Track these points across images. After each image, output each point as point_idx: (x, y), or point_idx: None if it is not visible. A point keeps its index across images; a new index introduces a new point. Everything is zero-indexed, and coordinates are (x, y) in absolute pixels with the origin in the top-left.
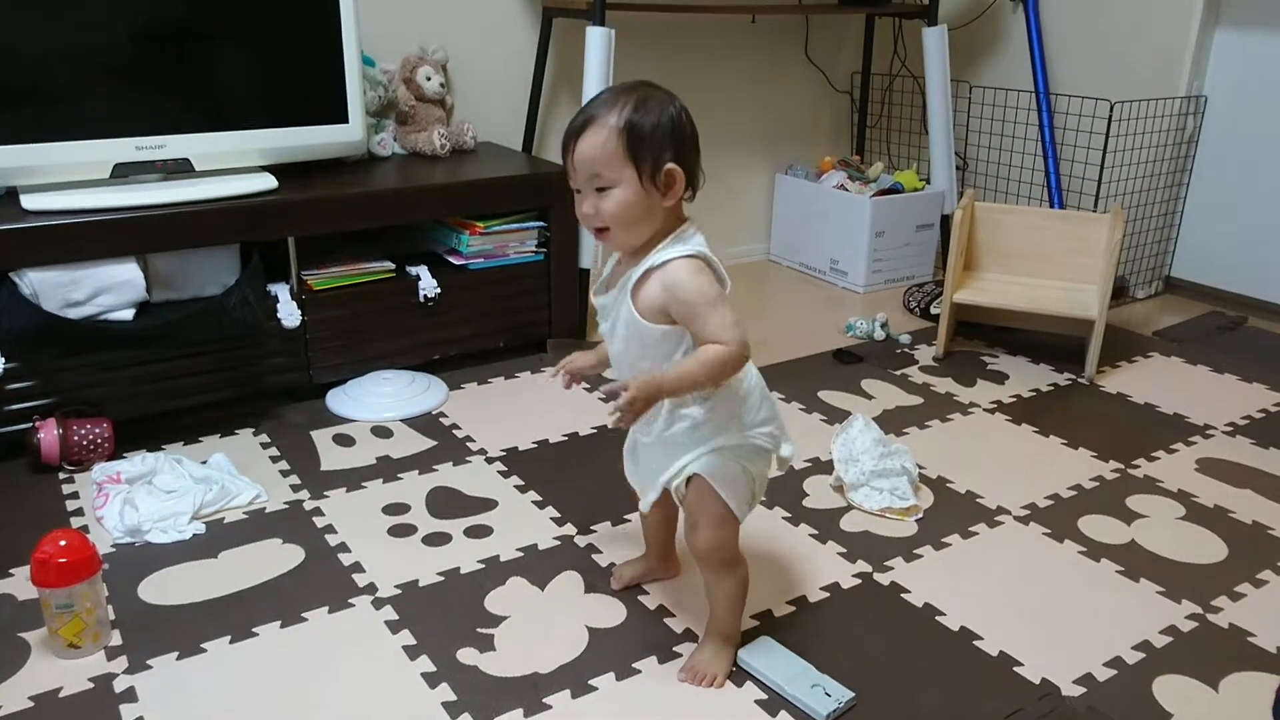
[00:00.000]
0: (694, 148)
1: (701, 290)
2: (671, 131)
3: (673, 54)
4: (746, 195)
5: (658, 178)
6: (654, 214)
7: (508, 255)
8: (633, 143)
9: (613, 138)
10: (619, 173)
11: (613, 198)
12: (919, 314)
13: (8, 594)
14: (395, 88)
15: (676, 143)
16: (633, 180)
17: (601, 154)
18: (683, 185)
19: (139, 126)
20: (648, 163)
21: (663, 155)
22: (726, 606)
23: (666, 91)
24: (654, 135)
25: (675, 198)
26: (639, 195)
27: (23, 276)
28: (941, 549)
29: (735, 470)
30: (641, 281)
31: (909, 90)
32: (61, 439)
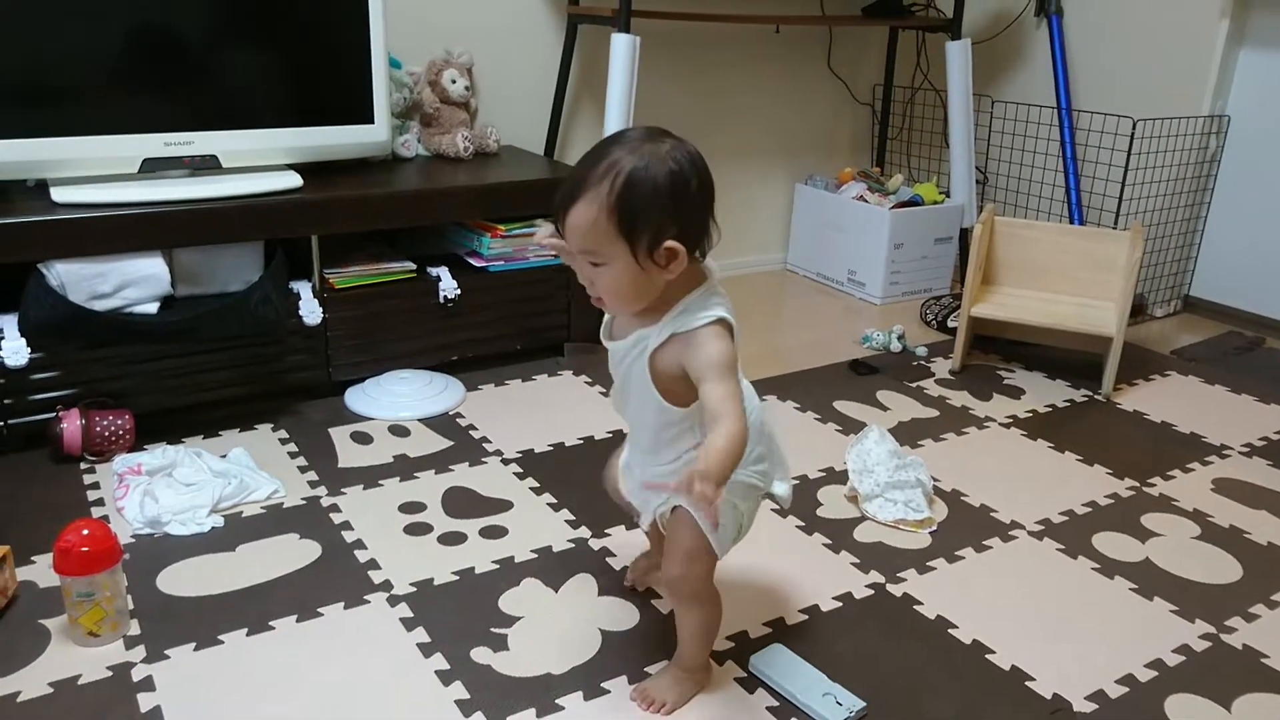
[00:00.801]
0: (701, 208)
1: (724, 354)
2: (672, 200)
3: (696, 62)
4: (765, 204)
5: (656, 254)
6: (653, 287)
7: (528, 259)
8: (625, 221)
9: (603, 216)
10: (611, 249)
11: (607, 274)
12: (936, 327)
13: (29, 581)
14: (420, 90)
15: (677, 213)
16: (627, 257)
17: (591, 231)
18: (685, 258)
19: (168, 123)
20: (644, 241)
21: (662, 231)
22: (692, 639)
23: (675, 141)
24: (650, 210)
25: (678, 270)
26: (635, 273)
27: (50, 268)
28: (955, 562)
29: (723, 507)
30: (662, 347)
31: (930, 103)
32: (84, 429)
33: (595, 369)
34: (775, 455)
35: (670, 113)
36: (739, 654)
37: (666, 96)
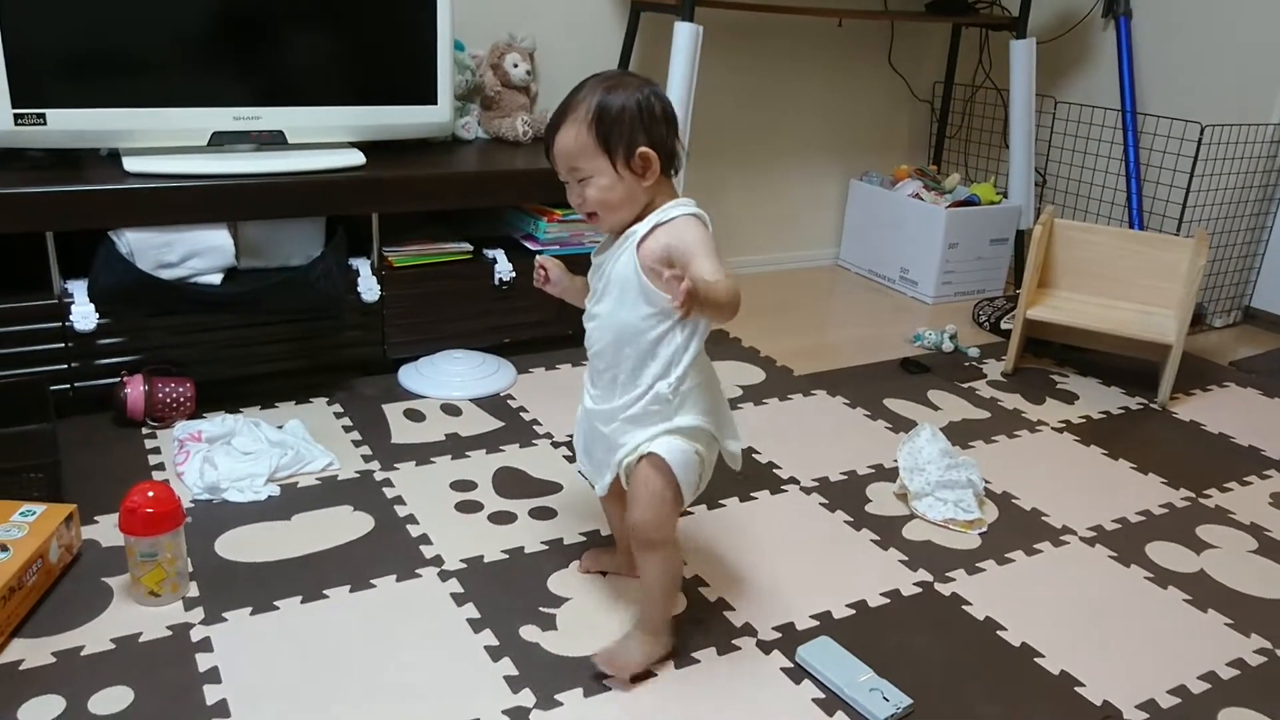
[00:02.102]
0: (667, 127)
1: (703, 238)
2: (640, 116)
3: (757, 53)
4: (819, 199)
5: (632, 162)
6: (636, 196)
7: (582, 244)
8: (602, 133)
9: (583, 131)
10: (594, 163)
11: (594, 186)
12: (989, 329)
13: (92, 540)
14: (482, 73)
15: (647, 126)
16: (608, 168)
17: (575, 147)
18: (659, 165)
19: (237, 98)
20: (620, 149)
21: (635, 140)
22: (656, 594)
23: (640, 78)
24: (622, 122)
25: (654, 177)
26: (617, 181)
27: (121, 236)
28: (1005, 564)
29: (689, 450)
30: (647, 236)
31: (991, 102)
32: (147, 395)
33: None
34: (723, 412)
35: (729, 104)
36: (786, 645)
37: (725, 87)
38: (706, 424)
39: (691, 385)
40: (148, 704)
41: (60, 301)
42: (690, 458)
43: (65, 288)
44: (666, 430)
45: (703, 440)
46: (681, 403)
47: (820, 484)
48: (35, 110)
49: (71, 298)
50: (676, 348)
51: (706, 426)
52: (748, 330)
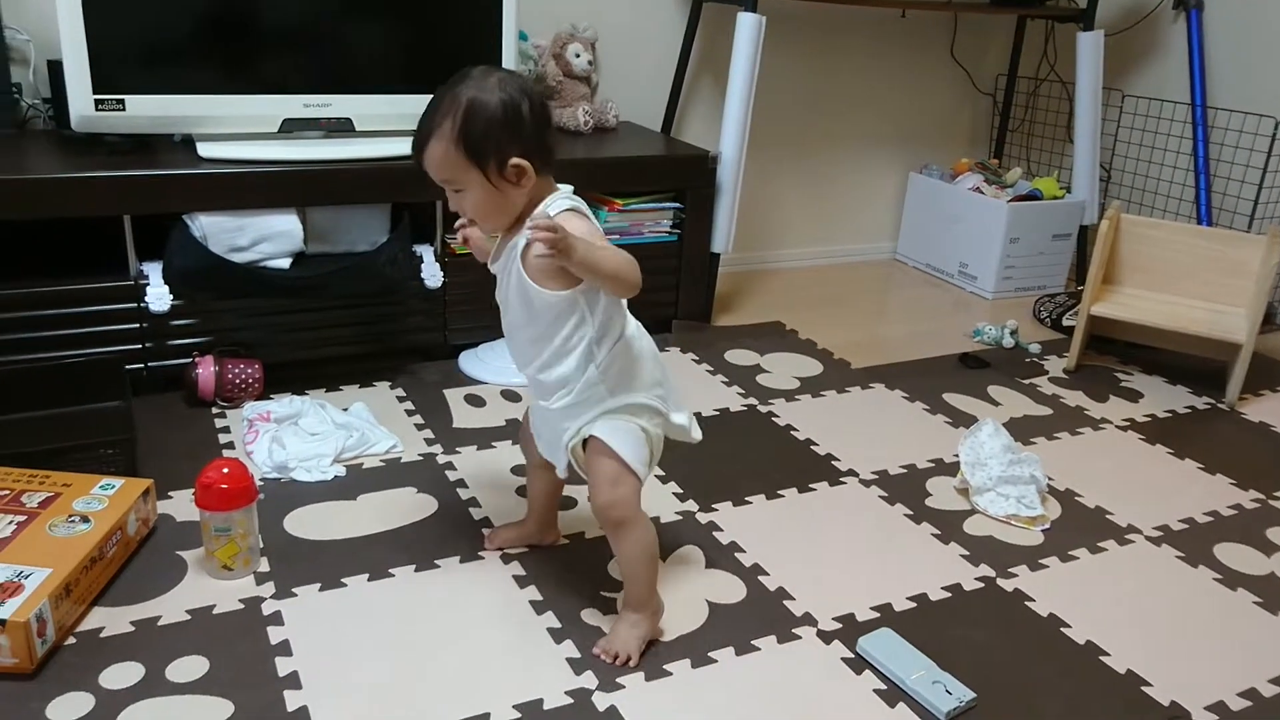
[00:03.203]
0: (538, 126)
1: (584, 229)
2: (507, 124)
3: (819, 44)
4: (877, 192)
5: (505, 173)
6: (514, 201)
7: (642, 234)
8: (470, 149)
9: (451, 148)
10: (466, 177)
11: (469, 199)
12: (1050, 325)
13: (167, 514)
14: (545, 63)
15: (516, 132)
16: (480, 181)
17: (444, 164)
18: (533, 172)
19: (308, 85)
20: (491, 163)
21: (505, 151)
22: (635, 572)
23: (505, 74)
24: (489, 135)
25: (529, 183)
26: (491, 192)
27: (194, 220)
28: (1068, 561)
29: (632, 429)
30: (528, 246)
31: (1055, 95)
32: (217, 376)
33: (702, 347)
34: (668, 385)
35: (789, 94)
36: (846, 635)
37: (786, 78)
38: (647, 399)
39: (623, 365)
40: (222, 673)
41: (136, 283)
42: (635, 434)
43: (141, 270)
44: (604, 411)
45: (644, 415)
46: (616, 383)
47: (879, 477)
48: (115, 96)
49: (147, 279)
50: (590, 339)
51: (648, 402)
52: (804, 322)
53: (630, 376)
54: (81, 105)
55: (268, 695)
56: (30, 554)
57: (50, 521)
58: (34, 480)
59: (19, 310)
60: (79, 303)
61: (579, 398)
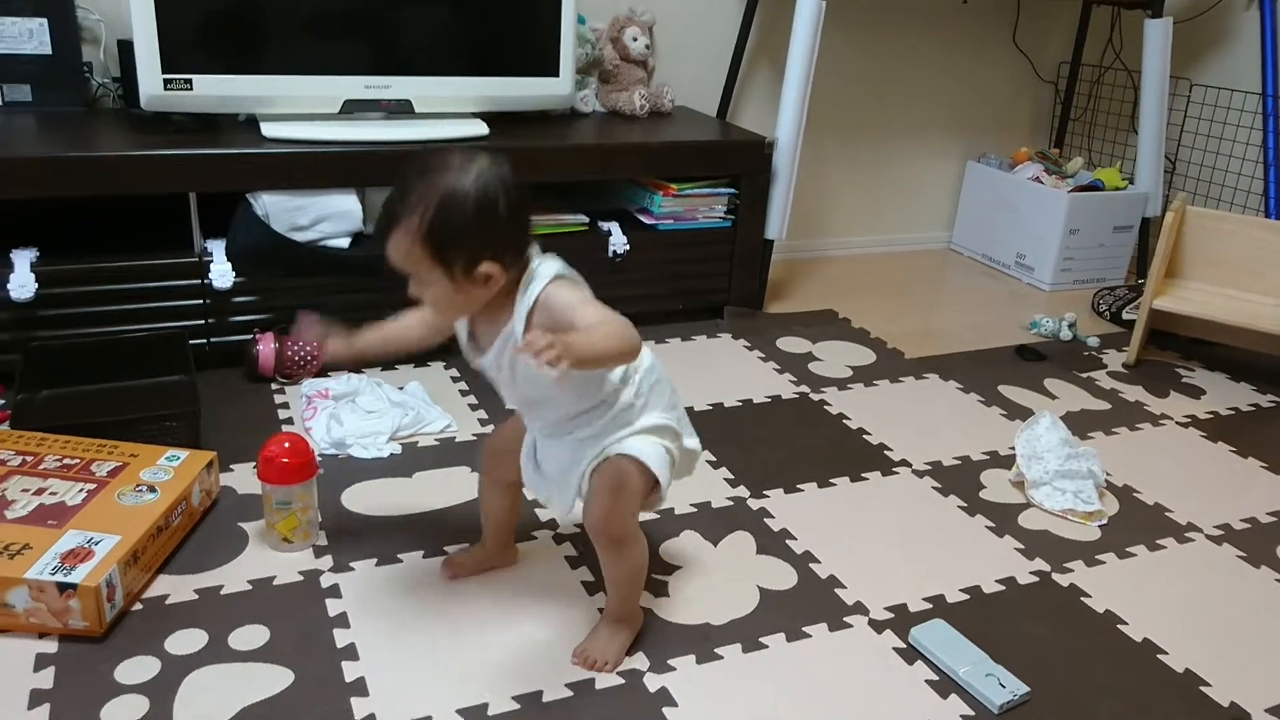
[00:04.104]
0: (513, 227)
1: (573, 298)
2: (480, 227)
3: (878, 30)
4: (933, 180)
5: (473, 276)
6: (476, 299)
7: (696, 219)
8: (437, 249)
9: (416, 246)
10: (430, 274)
11: (431, 294)
12: (1109, 318)
13: (228, 487)
14: (602, 46)
15: (487, 238)
16: (445, 280)
17: (409, 260)
18: (501, 276)
19: (369, 67)
20: (458, 266)
21: (475, 256)
22: (622, 587)
23: (484, 164)
24: (460, 239)
25: (497, 286)
26: (452, 291)
27: (257, 198)
28: (1126, 558)
29: (659, 450)
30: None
31: (1120, 84)
32: (277, 353)
33: (754, 334)
34: (681, 410)
35: (846, 80)
36: (898, 625)
37: (844, 64)
38: (670, 420)
39: (653, 386)
40: (282, 643)
41: (200, 260)
42: (664, 455)
43: (205, 247)
44: (633, 433)
45: (668, 436)
46: (647, 403)
47: (933, 468)
48: (183, 76)
49: (211, 256)
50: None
51: (670, 423)
52: (857, 311)
53: (659, 396)
54: (151, 84)
55: (326, 666)
56: (100, 521)
57: (119, 490)
58: (103, 450)
59: (88, 285)
60: (145, 278)
61: (608, 427)
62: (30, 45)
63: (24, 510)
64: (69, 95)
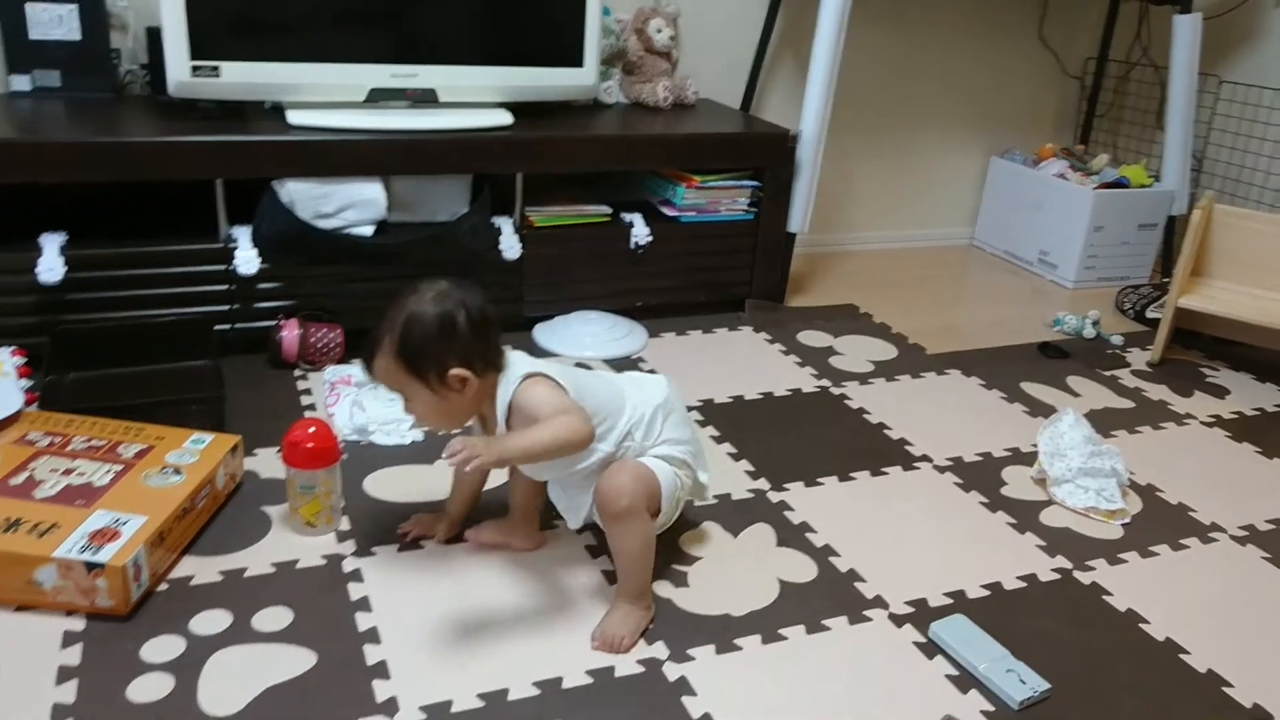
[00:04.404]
0: (476, 338)
1: (541, 401)
2: (441, 339)
3: (903, 21)
4: (956, 176)
5: (448, 381)
6: (462, 406)
7: (719, 212)
8: (409, 362)
9: (392, 363)
10: (411, 388)
11: (416, 407)
12: (1133, 317)
13: (252, 471)
14: (626, 37)
15: (452, 346)
16: (423, 391)
17: (390, 377)
18: (474, 379)
19: (395, 55)
20: (431, 374)
21: (445, 363)
22: (633, 562)
23: (445, 289)
24: (426, 349)
25: (473, 390)
26: (436, 400)
27: (283, 185)
28: (1149, 557)
29: (666, 468)
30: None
31: (1147, 80)
32: (300, 339)
33: (775, 327)
34: (698, 444)
35: (870, 75)
36: (918, 620)
37: (869, 58)
38: (678, 452)
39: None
40: (306, 625)
41: (226, 246)
42: (669, 473)
43: (231, 233)
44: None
45: (678, 463)
46: (641, 445)
47: (954, 464)
48: (211, 63)
49: (236, 243)
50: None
51: (679, 454)
52: (878, 306)
53: (671, 429)
54: (179, 71)
55: (349, 648)
56: (127, 502)
57: (145, 472)
58: (129, 432)
59: (115, 269)
60: (171, 264)
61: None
62: (60, 31)
63: (52, 490)
64: (97, 81)
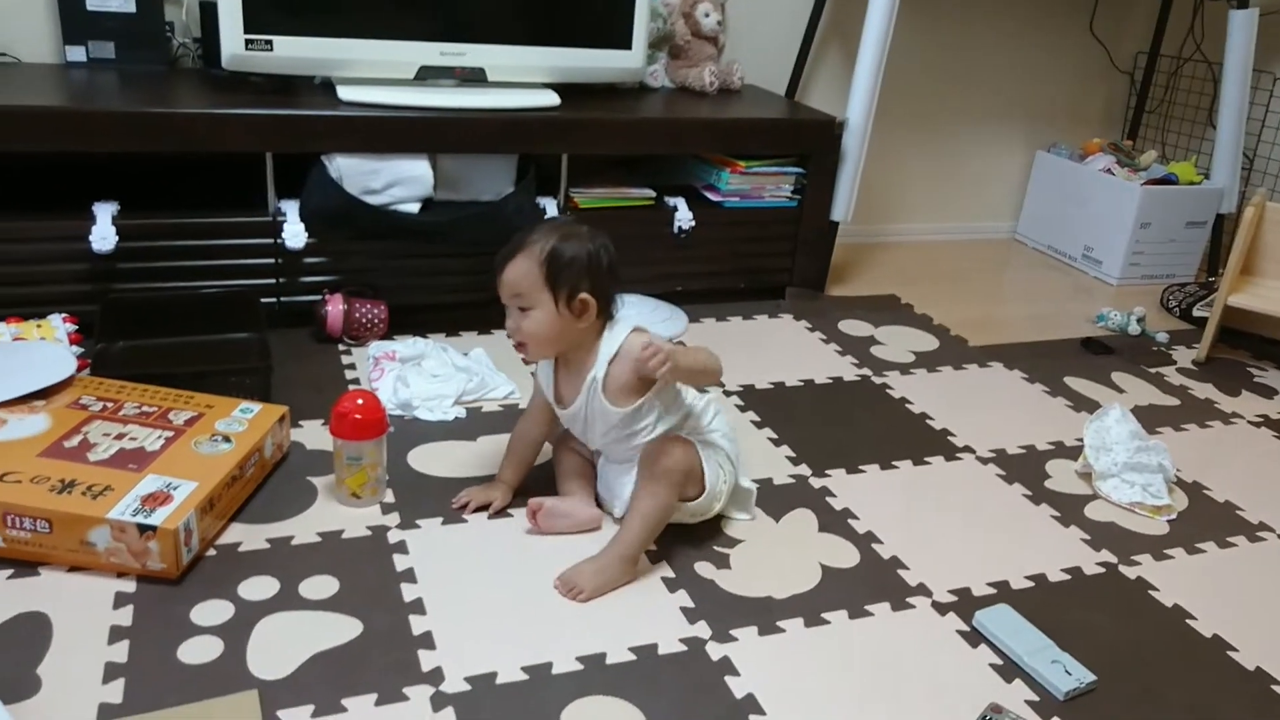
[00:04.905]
0: (610, 279)
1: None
2: (588, 266)
3: (954, 14)
4: (1000, 169)
5: (573, 304)
6: (568, 334)
7: (763, 198)
8: (551, 272)
9: (534, 267)
10: (538, 297)
11: (532, 318)
12: (1178, 315)
13: (298, 442)
14: (674, 21)
15: (592, 275)
16: (549, 304)
17: (524, 279)
18: (595, 312)
19: (444, 34)
20: (564, 290)
21: (579, 285)
22: (643, 525)
23: (592, 230)
24: (571, 267)
25: (588, 322)
26: (555, 318)
27: (332, 160)
28: (1195, 554)
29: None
30: (608, 375)
31: (1199, 76)
32: (345, 314)
33: (816, 316)
34: (737, 447)
35: (917, 64)
36: (962, 608)
37: (916, 47)
38: (726, 446)
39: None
40: (351, 594)
41: (274, 220)
42: (714, 463)
43: (279, 207)
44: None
45: (720, 454)
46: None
47: (997, 455)
48: (264, 37)
49: (284, 217)
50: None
51: (723, 445)
52: (920, 297)
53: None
54: (233, 44)
55: (394, 618)
56: (178, 467)
57: (195, 439)
58: (179, 399)
59: (166, 239)
60: (220, 235)
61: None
62: (115, 3)
63: (105, 454)
64: (151, 54)
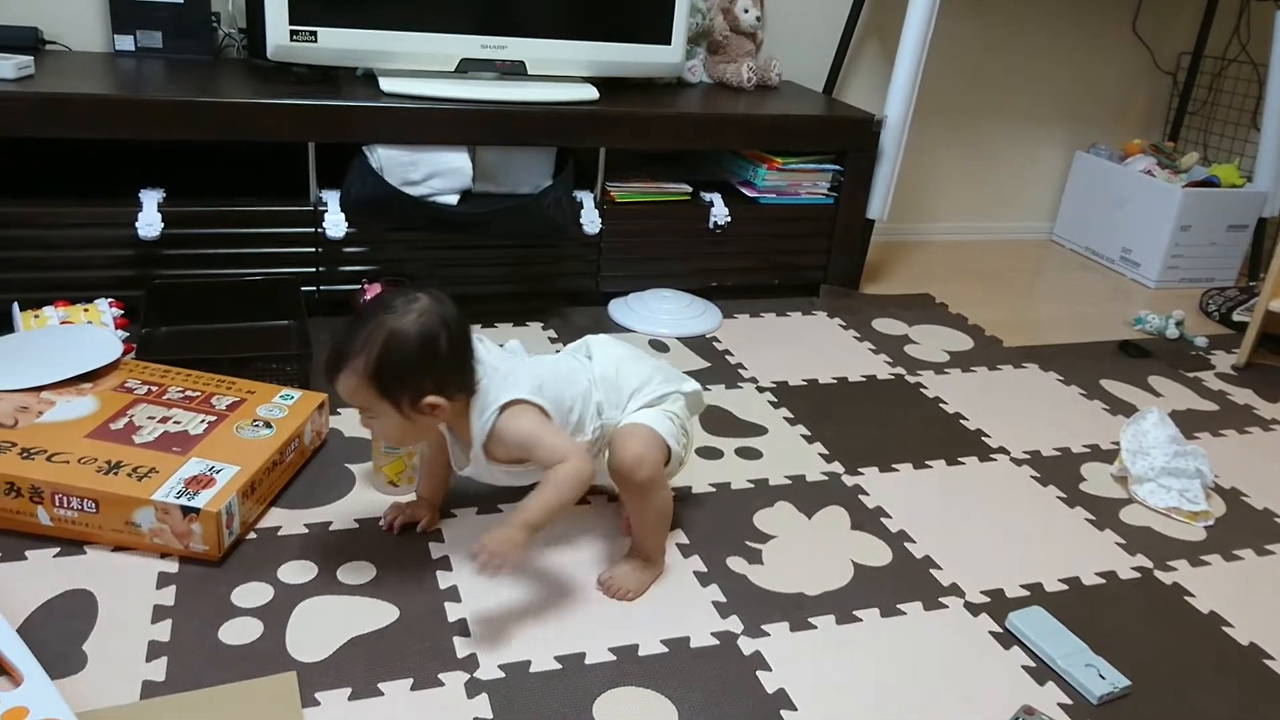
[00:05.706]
0: (454, 359)
1: (527, 432)
2: (421, 363)
3: (994, 13)
4: (1038, 169)
5: (419, 407)
6: (426, 428)
7: (799, 195)
8: (382, 386)
9: (363, 385)
10: (379, 407)
11: (381, 425)
12: (1218, 319)
13: (336, 429)
14: (713, 16)
15: (431, 370)
16: (393, 412)
17: (355, 396)
18: (448, 406)
19: (486, 27)
20: (404, 400)
21: (421, 387)
22: (651, 528)
23: (426, 302)
24: (403, 372)
25: (443, 415)
26: (404, 421)
27: (373, 151)
28: (1232, 561)
29: (656, 413)
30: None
31: (1244, 77)
32: None
33: (849, 314)
34: (664, 369)
35: (957, 62)
36: (994, 609)
37: (956, 46)
38: (655, 394)
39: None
40: (389, 580)
41: (316, 209)
42: (668, 421)
43: (321, 197)
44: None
45: (663, 403)
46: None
47: (1031, 457)
48: (309, 28)
49: (325, 206)
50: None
51: (657, 394)
52: (955, 297)
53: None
54: (278, 35)
55: (430, 605)
56: (220, 451)
57: (237, 424)
58: (222, 385)
59: (209, 227)
60: (263, 224)
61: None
62: None
63: (150, 436)
64: (197, 44)
